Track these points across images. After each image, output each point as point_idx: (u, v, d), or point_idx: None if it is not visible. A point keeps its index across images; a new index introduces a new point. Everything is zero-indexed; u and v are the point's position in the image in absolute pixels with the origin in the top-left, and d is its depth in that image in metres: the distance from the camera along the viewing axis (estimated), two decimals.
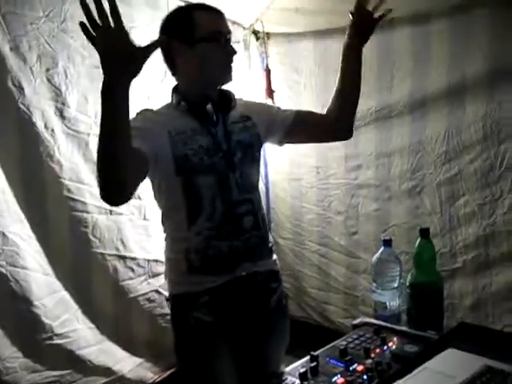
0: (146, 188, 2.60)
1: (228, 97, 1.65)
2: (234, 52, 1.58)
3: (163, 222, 1.66)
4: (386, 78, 2.67)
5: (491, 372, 1.19)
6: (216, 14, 1.58)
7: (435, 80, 2.49)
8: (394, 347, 1.45)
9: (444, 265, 2.45)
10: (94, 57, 1.17)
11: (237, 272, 1.60)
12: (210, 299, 1.58)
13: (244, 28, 3.18)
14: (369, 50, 2.67)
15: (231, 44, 1.59)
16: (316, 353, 1.39)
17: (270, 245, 1.73)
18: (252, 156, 1.66)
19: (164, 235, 1.68)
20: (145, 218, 2.68)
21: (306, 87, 3.05)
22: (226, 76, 1.62)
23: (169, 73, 1.66)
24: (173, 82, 1.66)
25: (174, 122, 1.54)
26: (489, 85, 2.33)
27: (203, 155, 1.53)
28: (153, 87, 2.58)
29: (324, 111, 1.77)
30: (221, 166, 1.57)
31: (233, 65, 1.60)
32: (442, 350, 1.33)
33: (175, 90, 1.64)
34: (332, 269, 3.07)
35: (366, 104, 2.70)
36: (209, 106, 1.57)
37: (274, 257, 1.74)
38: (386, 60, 2.68)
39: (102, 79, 1.14)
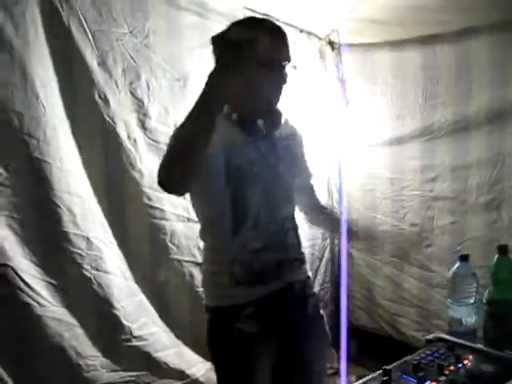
0: None
1: (277, 114, 1.69)
2: (284, 82, 1.58)
3: (203, 233, 1.69)
4: (464, 88, 2.63)
5: None
6: (279, 40, 1.57)
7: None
8: (469, 365, 1.43)
9: None
10: (175, 69, 1.27)
11: (280, 283, 1.63)
12: (254, 311, 1.59)
13: (320, 38, 3.20)
14: (446, 60, 2.68)
15: (285, 71, 1.57)
16: (389, 367, 1.38)
17: (303, 254, 1.77)
18: (293, 173, 1.71)
19: (202, 247, 1.72)
20: None
21: (381, 96, 3.03)
22: (271, 102, 1.62)
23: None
24: None
25: (226, 132, 1.55)
26: None
27: (253, 167, 1.57)
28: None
29: (398, 122, 1.81)
30: (269, 179, 1.60)
31: (281, 92, 1.60)
32: None
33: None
34: (405, 281, 3.03)
35: (442, 115, 2.67)
36: (259, 122, 1.62)
37: (307, 264, 1.79)
38: (464, 70, 2.63)
39: (213, 68, 1.30)
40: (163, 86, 2.50)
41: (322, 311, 1.82)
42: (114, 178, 2.39)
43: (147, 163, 2.45)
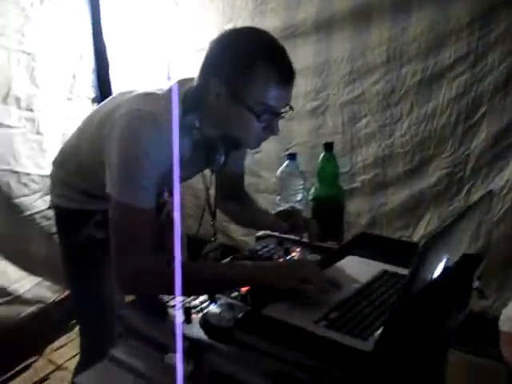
0: (38, 99, 2.49)
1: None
2: (275, 134, 1.37)
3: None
4: None
5: (388, 275, 1.25)
6: (284, 83, 1.28)
7: (341, 1, 2.46)
8: (297, 256, 1.49)
9: (343, 185, 2.50)
10: None
11: None
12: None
13: None
14: None
15: (277, 121, 1.34)
16: None
17: None
18: None
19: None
20: (38, 132, 2.53)
21: (211, 1, 2.91)
22: (251, 146, 1.44)
23: None
24: None
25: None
26: (393, 10, 2.33)
27: None
28: None
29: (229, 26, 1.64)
30: None
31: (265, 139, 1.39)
32: (342, 258, 1.37)
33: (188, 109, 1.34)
34: None
35: (271, 22, 2.64)
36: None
37: None
38: None
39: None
40: None
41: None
42: None
43: None
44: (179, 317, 1.17)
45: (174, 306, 1.22)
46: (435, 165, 2.36)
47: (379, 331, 0.98)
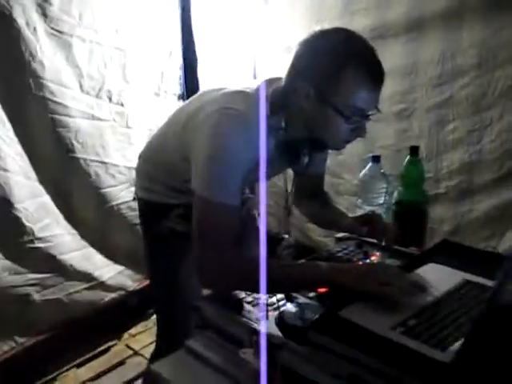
0: (128, 94, 2.59)
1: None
2: (362, 136, 1.35)
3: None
4: None
5: (470, 285, 1.21)
6: (374, 86, 1.28)
7: (433, 1, 2.39)
8: (376, 260, 1.47)
9: (427, 190, 2.45)
10: None
11: None
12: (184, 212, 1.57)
13: None
14: None
15: (365, 123, 1.33)
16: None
17: None
18: None
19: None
20: (127, 126, 2.64)
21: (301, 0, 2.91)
22: (337, 148, 1.46)
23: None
24: None
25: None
26: (486, 11, 2.25)
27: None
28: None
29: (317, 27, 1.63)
30: None
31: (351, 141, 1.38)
32: (423, 264, 1.34)
33: (275, 109, 1.35)
34: None
35: (361, 22, 2.61)
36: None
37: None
38: None
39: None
40: None
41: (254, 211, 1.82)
42: (13, 68, 2.18)
43: (49, 55, 2.25)
44: (256, 313, 1.18)
45: (250, 302, 1.24)
46: None
47: (459, 342, 0.95)
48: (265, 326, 1.13)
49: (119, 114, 2.59)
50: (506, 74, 2.22)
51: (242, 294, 1.27)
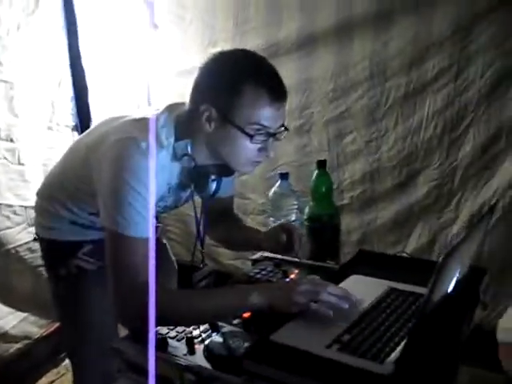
0: (18, 128, 2.44)
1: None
2: (269, 156, 1.36)
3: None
4: (275, 14, 2.59)
5: (395, 292, 1.22)
6: (275, 101, 1.25)
7: (324, 17, 2.45)
8: (296, 278, 1.45)
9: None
10: None
11: None
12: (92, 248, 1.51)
13: None
14: None
15: (271, 142, 1.32)
16: None
17: None
18: None
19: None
20: (19, 163, 2.47)
21: (191, 22, 2.87)
22: (246, 170, 1.46)
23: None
24: None
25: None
26: (375, 24, 2.33)
27: None
28: None
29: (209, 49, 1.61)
30: None
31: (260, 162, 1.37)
32: (345, 277, 1.34)
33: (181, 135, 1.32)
34: None
35: (253, 42, 2.62)
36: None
37: None
38: None
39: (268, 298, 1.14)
40: None
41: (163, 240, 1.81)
42: None
43: None
44: (182, 348, 1.12)
45: (174, 337, 1.17)
46: (423, 178, 2.36)
47: (396, 353, 0.94)
48: (193, 361, 1.07)
49: (10, 150, 2.41)
50: (397, 84, 2.31)
51: (165, 330, 1.20)
